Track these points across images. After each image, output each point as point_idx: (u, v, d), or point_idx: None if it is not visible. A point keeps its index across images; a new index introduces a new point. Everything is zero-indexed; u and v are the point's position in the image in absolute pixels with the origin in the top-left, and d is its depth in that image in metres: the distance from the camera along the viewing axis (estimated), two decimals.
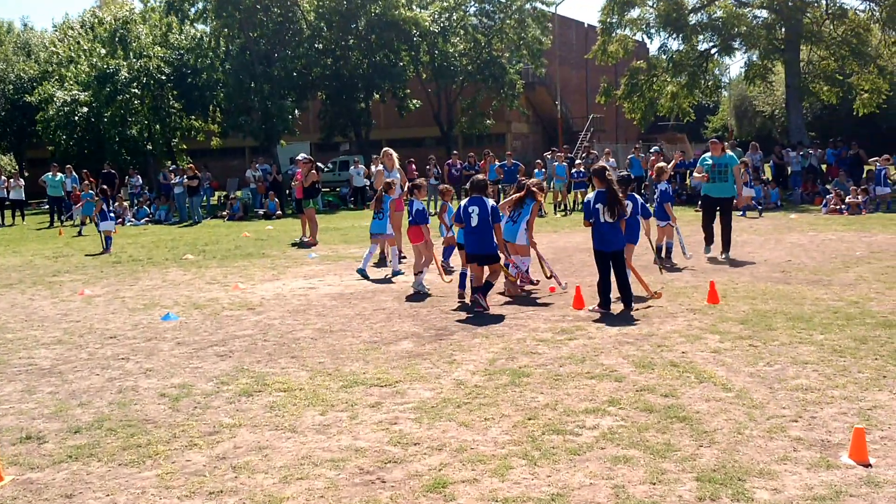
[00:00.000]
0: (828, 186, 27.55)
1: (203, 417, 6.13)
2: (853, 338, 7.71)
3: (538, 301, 10.48)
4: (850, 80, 34.39)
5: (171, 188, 29.80)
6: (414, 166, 30.55)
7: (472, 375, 6.94)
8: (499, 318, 9.37)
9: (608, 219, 9.49)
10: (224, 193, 37.07)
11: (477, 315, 9.62)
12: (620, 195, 9.60)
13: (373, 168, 31.06)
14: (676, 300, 10.03)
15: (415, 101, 43.01)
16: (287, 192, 31.59)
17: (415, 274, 11.75)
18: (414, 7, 40.56)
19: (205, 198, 30.90)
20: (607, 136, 61.84)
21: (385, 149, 16.24)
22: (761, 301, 9.77)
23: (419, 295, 11.24)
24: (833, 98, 36.09)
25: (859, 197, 21.48)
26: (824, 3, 34.22)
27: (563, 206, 26.51)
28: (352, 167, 34.08)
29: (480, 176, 10.85)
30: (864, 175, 25.50)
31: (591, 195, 9.87)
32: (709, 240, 13.97)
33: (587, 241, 11.12)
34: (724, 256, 13.44)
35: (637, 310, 9.46)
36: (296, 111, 39.95)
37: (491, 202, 10.19)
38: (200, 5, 38.02)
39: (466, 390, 6.50)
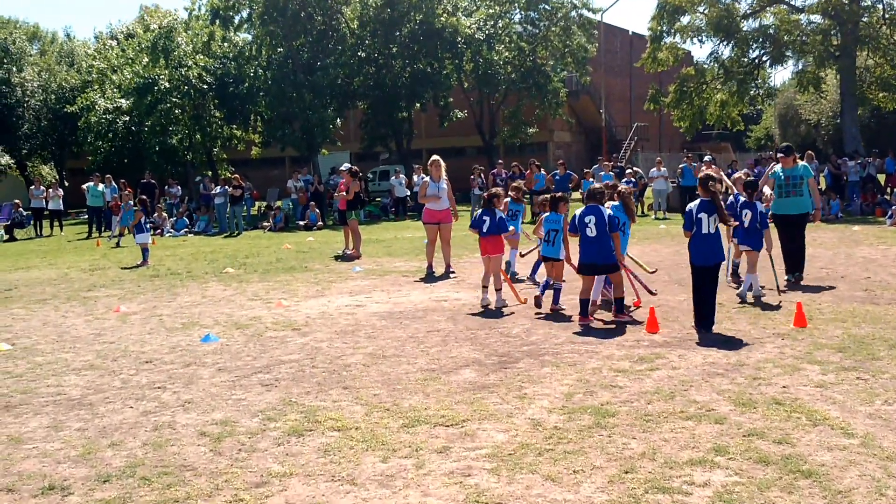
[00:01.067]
0: (886, 197, 26.43)
1: (248, 463, 5.39)
2: None
3: (606, 322, 9.64)
4: None
5: (211, 198, 29.33)
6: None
7: (549, 414, 6.14)
8: (566, 344, 8.56)
9: (711, 230, 8.85)
10: (264, 204, 36.57)
11: (541, 339, 8.81)
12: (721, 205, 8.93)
13: (415, 178, 30.63)
14: (759, 323, 9.14)
15: (457, 111, 42.30)
16: (328, 202, 31.03)
17: (483, 286, 11.16)
18: (458, 14, 39.89)
19: (245, 208, 30.38)
20: (651, 144, 60.70)
21: (434, 157, 15.48)
22: (853, 324, 8.86)
23: (475, 314, 10.46)
24: (890, 105, 34.87)
25: None
26: (881, 7, 33.05)
27: None
28: (393, 177, 33.40)
29: (597, 185, 10.39)
30: None
31: (693, 204, 9.14)
32: (793, 266, 12.24)
33: (645, 255, 10.25)
34: (794, 277, 12.15)
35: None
36: (337, 120, 39.47)
37: (608, 211, 9.66)
38: (245, 13, 37.69)
39: (545, 433, 5.70)
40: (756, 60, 35.48)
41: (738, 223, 10.80)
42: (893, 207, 21.32)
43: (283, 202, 33.92)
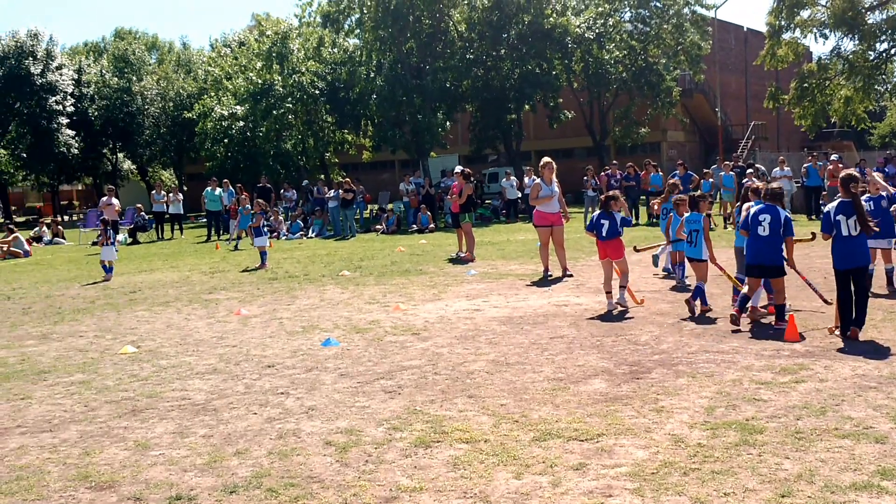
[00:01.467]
0: None
1: (376, 476, 5.20)
2: None
3: (742, 330, 9.14)
4: None
5: (325, 202, 29.66)
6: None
7: (691, 429, 5.76)
8: (699, 353, 8.12)
9: (852, 232, 8.37)
10: (376, 206, 36.84)
11: (672, 348, 8.40)
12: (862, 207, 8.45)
13: (526, 180, 30.28)
14: (893, 325, 8.51)
15: (567, 112, 41.73)
16: (439, 205, 31.01)
17: (607, 292, 10.96)
18: (568, 14, 39.35)
19: (357, 211, 30.60)
20: (769, 144, 58.70)
21: (545, 159, 15.14)
22: None
23: (599, 319, 10.11)
24: None
25: None
26: None
27: (732, 219, 24.71)
28: (503, 179, 33.09)
29: (776, 184, 9.90)
30: None
31: (831, 206, 8.66)
32: None
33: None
34: None
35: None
36: (446, 123, 39.46)
37: (785, 212, 9.25)
38: (355, 17, 38.04)
39: (689, 450, 5.33)
40: (884, 54, 33.83)
41: (878, 229, 10.11)
42: None
43: (395, 205, 34.07)
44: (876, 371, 7.02)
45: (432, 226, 28.19)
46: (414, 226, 28.72)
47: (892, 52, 33.54)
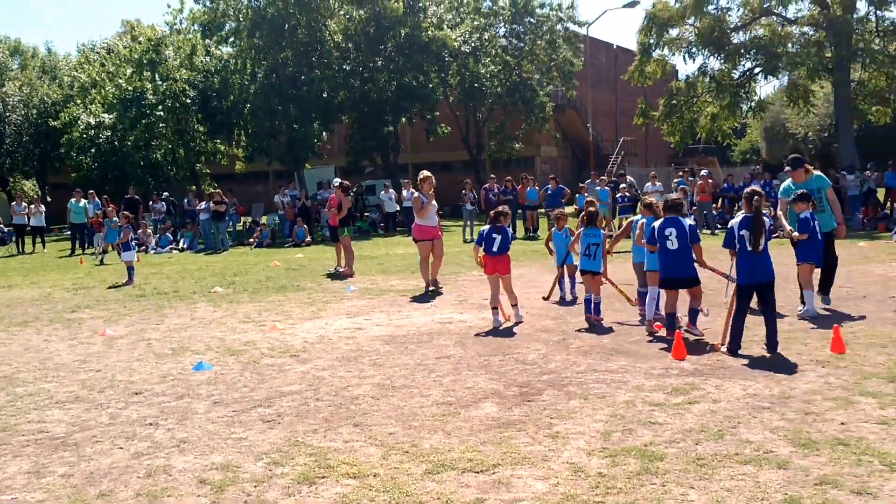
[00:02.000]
0: (887, 211, 26.07)
1: None
2: None
3: (627, 345, 9.05)
4: None
5: (195, 214, 28.62)
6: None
7: (589, 457, 5.52)
8: (588, 372, 7.96)
9: (754, 248, 8.36)
10: (250, 219, 35.86)
11: (560, 367, 8.22)
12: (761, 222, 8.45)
13: (404, 192, 30.02)
14: (792, 348, 8.56)
15: (443, 126, 41.75)
16: (316, 217, 30.41)
17: (493, 308, 10.78)
18: (444, 27, 39.39)
19: (230, 224, 29.64)
20: (638, 159, 60.39)
21: (425, 172, 15.02)
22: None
23: (485, 337, 9.86)
24: (883, 119, 34.60)
25: None
26: (874, 19, 32.80)
27: (607, 231, 25.10)
28: (382, 192, 32.71)
29: (675, 195, 10.05)
30: None
31: (734, 221, 8.67)
32: (823, 288, 11.28)
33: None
34: (822, 302, 11.13)
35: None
36: (322, 134, 38.87)
37: (689, 222, 9.30)
38: (232, 24, 37.01)
39: (591, 480, 5.08)
40: (748, 73, 35.14)
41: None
42: None
43: (269, 218, 33.22)
44: (767, 390, 6.98)
45: (309, 239, 27.57)
46: (290, 239, 28.02)
47: (756, 70, 34.80)
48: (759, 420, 6.16)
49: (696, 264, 9.29)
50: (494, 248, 10.75)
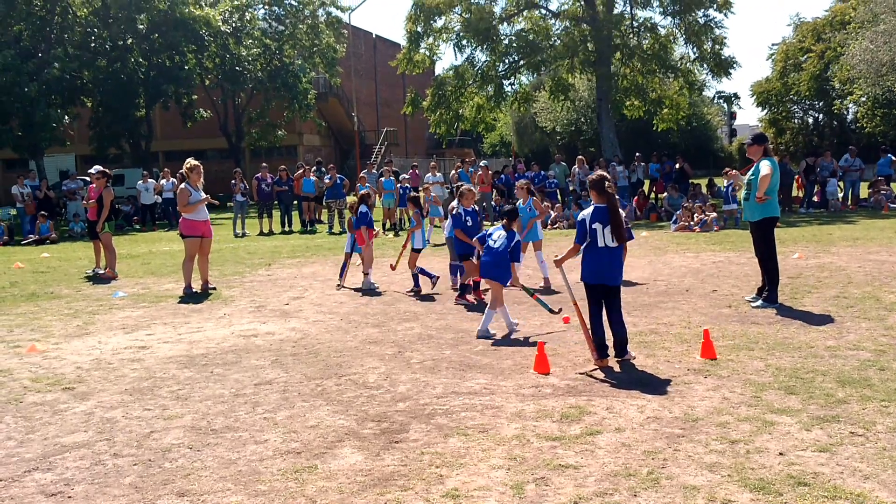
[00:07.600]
0: (652, 201, 26.86)
1: None
2: None
3: (473, 356, 7.84)
4: (654, 96, 34.28)
5: None
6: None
7: None
8: (448, 396, 6.67)
9: (609, 244, 7.33)
10: None
11: (412, 391, 6.87)
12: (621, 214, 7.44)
13: (162, 182, 27.38)
14: (658, 355, 7.70)
15: (202, 111, 39.01)
16: (60, 211, 27.13)
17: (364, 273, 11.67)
18: (203, 5, 36.70)
19: None
20: (400, 149, 60.05)
21: (192, 161, 13.32)
22: (764, 353, 7.61)
23: (302, 352, 8.32)
24: (637, 113, 35.95)
25: (713, 213, 20.58)
26: (630, 16, 33.90)
27: (392, 225, 24.02)
28: (140, 182, 29.60)
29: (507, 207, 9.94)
30: (691, 190, 24.85)
31: (586, 212, 7.50)
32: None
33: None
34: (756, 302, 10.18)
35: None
36: (64, 118, 35.02)
37: (517, 236, 9.30)
38: None
39: None
40: (513, 65, 35.29)
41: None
42: (678, 213, 21.27)
43: (3, 211, 29.23)
44: (666, 412, 6.00)
45: (54, 235, 24.37)
46: (31, 236, 24.61)
47: (521, 63, 34.98)
48: (686, 454, 5.11)
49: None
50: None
